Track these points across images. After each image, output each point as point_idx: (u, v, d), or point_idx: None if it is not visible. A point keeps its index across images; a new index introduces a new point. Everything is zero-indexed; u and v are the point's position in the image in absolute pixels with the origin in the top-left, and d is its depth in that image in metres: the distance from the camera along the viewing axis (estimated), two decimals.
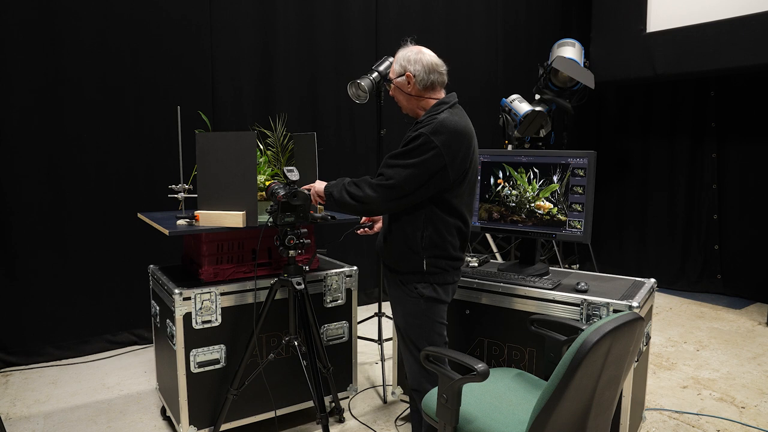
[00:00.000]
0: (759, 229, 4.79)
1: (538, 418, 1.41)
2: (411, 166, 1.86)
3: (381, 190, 1.90)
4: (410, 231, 1.96)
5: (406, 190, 1.88)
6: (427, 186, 1.89)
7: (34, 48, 3.29)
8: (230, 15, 3.91)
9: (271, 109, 4.06)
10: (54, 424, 2.72)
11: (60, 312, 3.50)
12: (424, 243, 1.95)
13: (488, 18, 5.22)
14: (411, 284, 1.99)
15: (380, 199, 1.90)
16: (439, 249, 1.97)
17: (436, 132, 1.87)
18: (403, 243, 1.98)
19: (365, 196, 1.91)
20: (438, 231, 1.95)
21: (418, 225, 1.95)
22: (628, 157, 5.63)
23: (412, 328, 2.01)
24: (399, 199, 1.91)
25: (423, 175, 1.87)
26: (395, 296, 2.06)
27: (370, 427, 2.71)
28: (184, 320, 2.31)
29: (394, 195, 1.89)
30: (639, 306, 2.06)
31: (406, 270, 1.99)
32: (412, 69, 1.99)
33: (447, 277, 2.01)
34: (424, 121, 1.94)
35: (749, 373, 3.35)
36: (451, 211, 1.96)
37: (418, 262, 1.96)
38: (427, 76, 1.99)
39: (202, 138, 2.38)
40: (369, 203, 1.92)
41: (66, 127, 3.42)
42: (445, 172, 1.88)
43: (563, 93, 4.46)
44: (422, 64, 1.99)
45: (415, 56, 2.00)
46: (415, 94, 2.02)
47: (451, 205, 1.95)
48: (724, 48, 4.34)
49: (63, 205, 3.46)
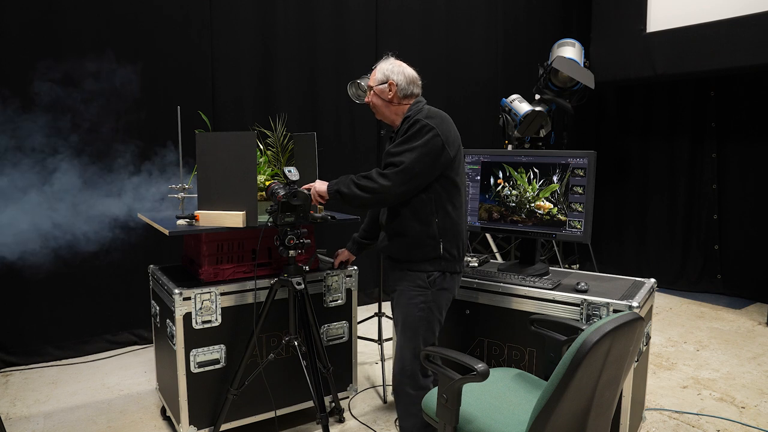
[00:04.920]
0: (759, 229, 4.79)
1: (538, 418, 1.41)
2: (417, 149, 2.00)
3: (393, 176, 2.00)
4: (424, 217, 2.07)
5: (416, 171, 2.00)
6: (434, 165, 2.02)
7: (34, 48, 3.29)
8: (230, 15, 3.91)
9: (271, 109, 4.05)
10: (54, 424, 2.72)
11: (60, 312, 3.50)
12: (440, 227, 2.07)
13: (488, 18, 5.22)
14: (424, 272, 2.07)
15: (394, 184, 1.99)
16: (452, 234, 2.10)
17: (429, 117, 2.05)
18: (419, 231, 2.07)
19: (378, 186, 2.00)
20: (448, 216, 2.09)
21: (431, 210, 2.06)
22: (628, 157, 5.62)
23: (415, 318, 2.08)
24: (410, 181, 2.01)
25: (429, 155, 2.01)
26: (401, 287, 2.12)
27: (370, 427, 2.71)
28: (184, 320, 2.31)
29: (406, 177, 2.00)
30: (639, 306, 2.06)
31: (420, 258, 2.08)
32: (395, 78, 2.14)
33: (457, 265, 2.13)
34: (411, 115, 2.09)
35: (749, 373, 3.35)
36: (454, 191, 2.10)
37: (435, 247, 2.07)
38: (408, 86, 2.16)
39: (202, 138, 2.38)
40: (382, 192, 2.01)
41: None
42: (445, 150, 2.04)
43: (563, 93, 4.45)
44: (404, 75, 2.16)
45: (398, 68, 2.17)
46: (394, 101, 2.16)
47: (454, 183, 2.10)
48: (724, 48, 4.34)
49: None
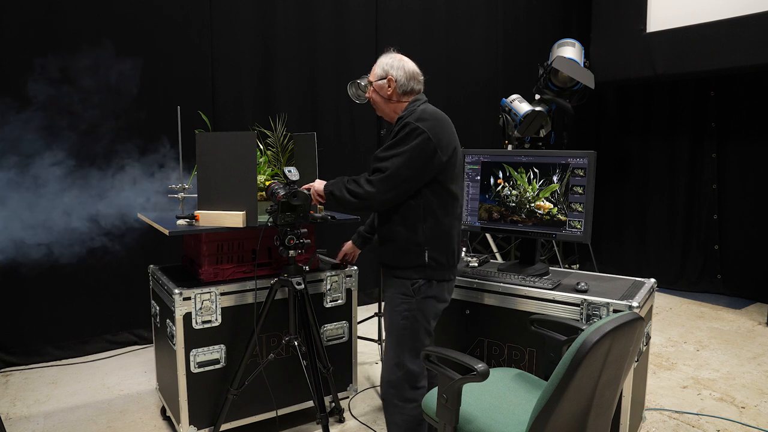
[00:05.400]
0: (759, 229, 4.79)
1: (538, 418, 1.41)
2: (404, 153, 1.91)
3: (378, 183, 1.94)
4: (411, 223, 1.99)
5: (402, 177, 1.92)
6: (423, 170, 1.93)
7: (34, 48, 3.29)
8: (230, 15, 3.91)
9: (271, 109, 4.05)
10: (54, 424, 2.72)
11: (60, 312, 3.50)
12: (426, 234, 1.98)
13: (488, 18, 5.22)
14: (409, 279, 2.00)
15: (378, 191, 1.93)
16: (441, 241, 2.00)
17: (420, 119, 1.95)
18: (405, 237, 2.00)
19: (364, 192, 1.95)
20: (438, 223, 1.99)
21: (418, 216, 1.98)
22: (628, 157, 5.62)
23: (398, 326, 2.02)
24: (397, 188, 1.94)
25: (416, 160, 1.91)
26: (388, 294, 2.07)
27: (370, 427, 2.71)
28: (184, 320, 2.31)
29: (391, 184, 1.93)
30: (639, 306, 2.06)
31: (405, 265, 2.00)
32: (394, 74, 2.07)
33: (446, 273, 2.03)
34: (405, 116, 2.00)
35: (749, 373, 3.35)
36: (447, 198, 2.00)
37: (420, 254, 1.98)
38: (407, 82, 2.07)
39: (202, 138, 2.38)
40: (367, 198, 1.95)
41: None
42: (436, 154, 1.93)
43: (563, 93, 4.45)
44: (404, 71, 2.07)
45: (398, 63, 2.09)
46: (393, 98, 2.09)
47: (447, 189, 2.00)
48: (724, 48, 4.34)
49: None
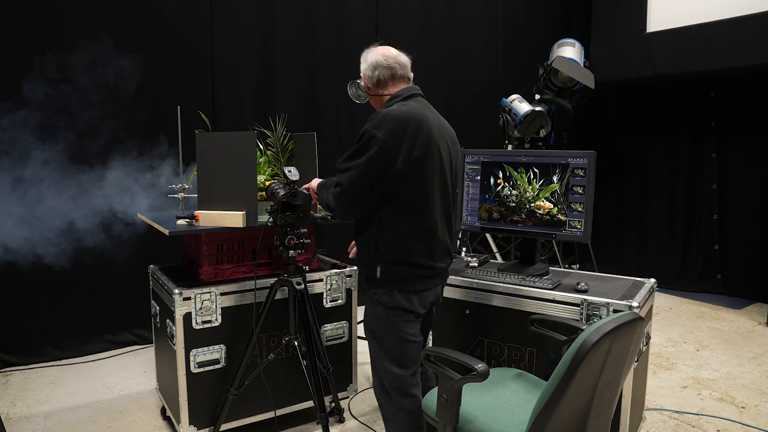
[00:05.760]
0: (759, 229, 4.79)
1: (538, 418, 1.41)
2: (357, 167, 1.78)
3: (336, 198, 1.86)
4: (366, 236, 1.89)
5: (356, 194, 1.81)
6: (377, 184, 1.79)
7: (33, 48, 3.29)
8: (230, 15, 3.91)
9: (271, 109, 4.05)
10: (54, 424, 2.72)
11: (60, 312, 3.50)
12: (380, 248, 1.85)
13: (488, 18, 5.22)
14: (371, 288, 1.92)
15: (338, 205, 1.88)
16: (398, 255, 1.84)
17: (377, 126, 1.78)
18: (363, 248, 1.93)
19: (330, 204, 1.90)
20: (396, 236, 1.83)
21: (373, 229, 1.86)
22: (628, 157, 5.62)
23: (373, 336, 1.95)
24: (352, 204, 1.85)
25: (370, 174, 1.77)
26: (366, 302, 1.99)
27: (370, 427, 2.71)
28: (184, 320, 2.31)
29: (345, 202, 1.84)
30: (639, 306, 2.06)
31: (366, 275, 1.94)
32: (362, 68, 1.99)
33: (410, 284, 1.87)
34: (373, 116, 1.84)
35: (749, 373, 3.35)
36: (406, 209, 1.83)
37: (373, 268, 1.88)
38: (372, 72, 1.95)
39: (202, 138, 2.38)
40: (333, 210, 1.91)
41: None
42: (393, 166, 1.77)
43: (563, 93, 4.45)
44: (367, 63, 1.96)
45: (365, 56, 1.98)
46: (372, 93, 1.99)
47: (407, 202, 1.82)
48: (724, 48, 4.34)
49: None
